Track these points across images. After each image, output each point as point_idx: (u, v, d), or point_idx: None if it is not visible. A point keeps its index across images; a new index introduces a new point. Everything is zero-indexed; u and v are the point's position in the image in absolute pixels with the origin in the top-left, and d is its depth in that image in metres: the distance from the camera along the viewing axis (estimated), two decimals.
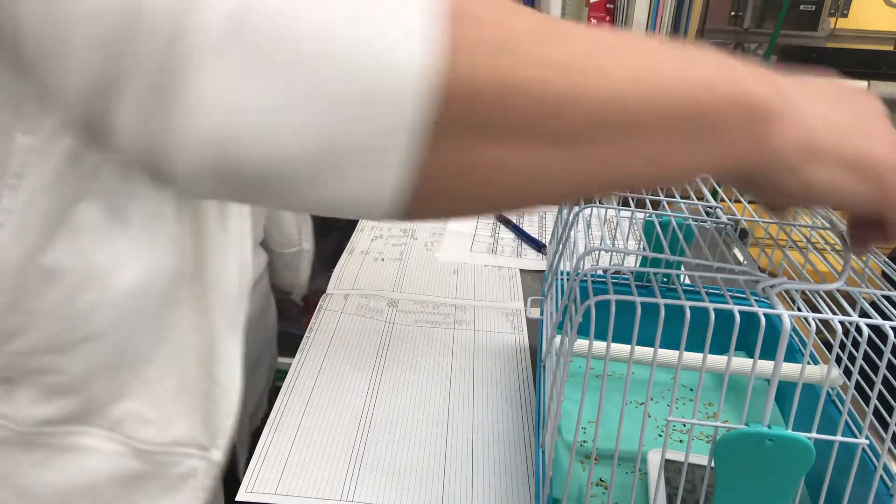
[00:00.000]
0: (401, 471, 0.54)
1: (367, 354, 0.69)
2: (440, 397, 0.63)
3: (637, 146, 0.30)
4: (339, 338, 0.71)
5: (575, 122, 0.28)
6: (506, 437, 0.58)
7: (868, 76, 1.35)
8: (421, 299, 0.81)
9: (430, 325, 0.75)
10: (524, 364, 0.69)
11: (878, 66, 1.36)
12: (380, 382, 0.65)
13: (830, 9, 1.40)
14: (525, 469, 0.55)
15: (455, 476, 0.54)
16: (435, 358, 0.69)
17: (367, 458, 0.55)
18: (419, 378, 0.66)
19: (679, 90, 0.30)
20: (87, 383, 0.49)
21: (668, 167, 0.32)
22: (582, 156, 0.30)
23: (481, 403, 0.63)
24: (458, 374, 0.67)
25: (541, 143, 0.29)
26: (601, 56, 0.29)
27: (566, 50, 0.28)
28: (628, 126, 0.29)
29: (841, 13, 1.46)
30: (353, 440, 0.57)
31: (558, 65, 0.28)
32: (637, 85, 0.29)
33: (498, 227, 1.03)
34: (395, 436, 0.58)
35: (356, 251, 0.92)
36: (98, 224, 0.45)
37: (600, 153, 0.30)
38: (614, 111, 0.29)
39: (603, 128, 0.29)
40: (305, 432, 0.57)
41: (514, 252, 0.95)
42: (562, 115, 0.28)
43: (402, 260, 0.90)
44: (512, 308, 0.80)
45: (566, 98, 0.28)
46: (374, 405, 0.61)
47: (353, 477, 0.53)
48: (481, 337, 0.74)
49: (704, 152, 0.32)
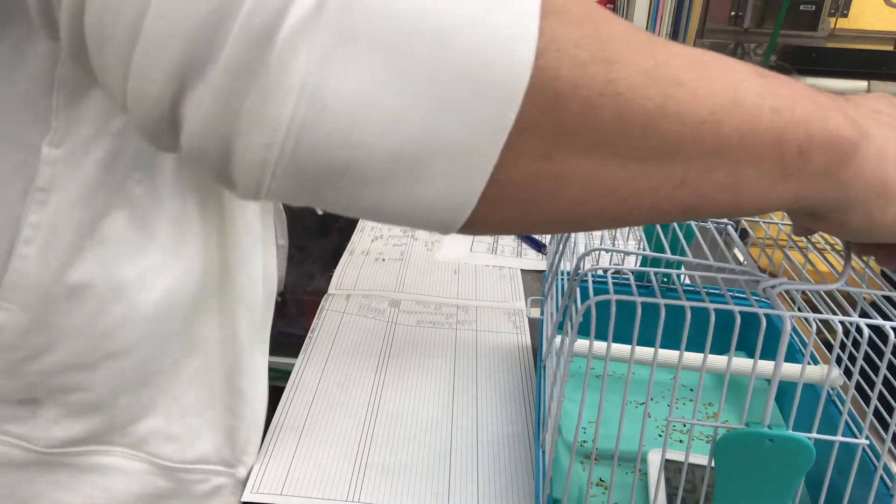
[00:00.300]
0: (405, 471, 0.54)
1: (370, 355, 0.69)
2: (444, 397, 0.63)
3: (719, 173, 0.29)
4: (341, 338, 0.72)
5: (663, 138, 0.27)
6: (510, 437, 0.59)
7: (868, 76, 1.35)
8: (423, 299, 0.81)
9: (432, 326, 0.75)
10: (527, 364, 0.69)
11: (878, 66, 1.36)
12: (383, 383, 0.65)
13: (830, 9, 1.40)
14: (530, 468, 0.55)
15: (460, 476, 0.54)
16: (438, 358, 0.69)
17: (372, 458, 0.55)
18: (422, 378, 0.66)
19: (773, 123, 0.29)
20: (112, 401, 0.48)
21: (744, 199, 0.30)
22: (661, 174, 0.28)
23: (485, 403, 0.63)
24: (461, 374, 0.67)
25: (622, 157, 0.27)
26: (697, 73, 0.27)
27: (664, 61, 0.27)
28: (714, 151, 0.28)
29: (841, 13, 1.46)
30: (357, 440, 0.57)
31: (654, 76, 0.26)
32: (734, 109, 0.28)
33: None
34: (400, 436, 0.58)
35: (356, 251, 0.92)
36: (125, 236, 0.43)
37: (678, 173, 0.28)
38: (706, 133, 0.27)
39: (689, 148, 0.28)
40: (310, 433, 0.58)
41: (515, 252, 0.95)
42: (650, 129, 0.26)
43: (402, 260, 0.91)
44: (513, 308, 0.80)
45: (658, 112, 0.26)
46: (378, 405, 0.62)
47: (359, 477, 0.53)
48: (483, 337, 0.74)
49: (783, 187, 0.30)
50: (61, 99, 0.38)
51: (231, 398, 0.52)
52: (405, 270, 0.88)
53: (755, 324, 0.37)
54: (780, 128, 0.29)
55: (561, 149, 0.26)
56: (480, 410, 0.62)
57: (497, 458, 0.56)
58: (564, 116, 0.25)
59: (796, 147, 0.29)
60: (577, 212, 0.28)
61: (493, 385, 0.66)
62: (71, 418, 0.47)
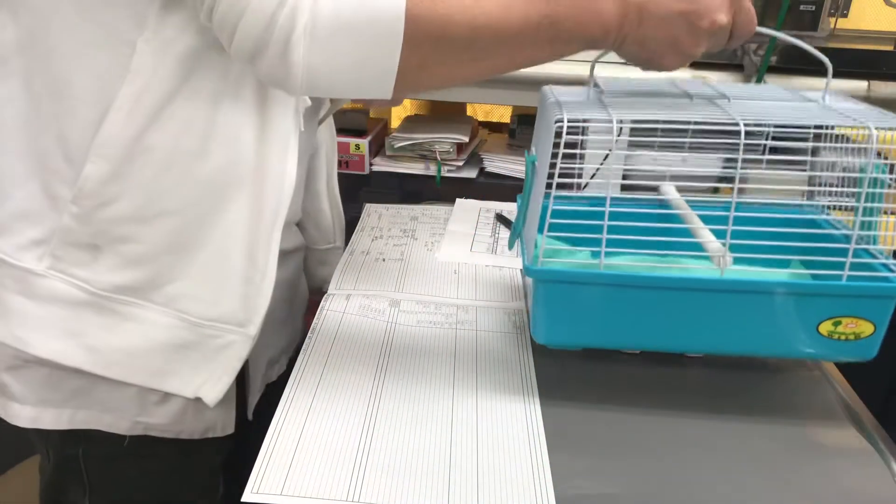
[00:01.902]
0: (405, 471, 0.54)
1: (371, 355, 0.69)
2: (444, 397, 0.63)
3: (520, 53, 0.54)
4: (341, 338, 0.72)
5: (477, 45, 0.52)
6: (510, 437, 0.59)
7: (868, 76, 1.35)
8: (423, 299, 0.81)
9: (432, 326, 0.75)
10: (527, 364, 0.69)
11: (877, 66, 1.36)
12: (383, 383, 0.65)
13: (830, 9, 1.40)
14: (530, 468, 0.55)
15: (460, 476, 0.54)
16: (438, 358, 0.69)
17: (372, 458, 0.55)
18: (423, 378, 0.66)
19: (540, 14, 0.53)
20: (156, 257, 0.61)
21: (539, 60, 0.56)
22: (484, 65, 0.54)
23: (485, 403, 0.63)
24: (461, 374, 0.67)
25: (459, 60, 0.53)
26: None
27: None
28: (504, 41, 0.53)
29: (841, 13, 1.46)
30: (357, 440, 0.57)
31: (461, 9, 0.50)
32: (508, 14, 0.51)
33: (498, 228, 1.03)
34: (400, 436, 0.58)
35: (356, 251, 0.92)
36: (191, 115, 0.57)
37: (493, 63, 0.54)
38: (499, 34, 0.51)
39: (496, 47, 0.52)
40: (310, 433, 0.58)
41: (515, 252, 0.95)
42: (468, 41, 0.51)
43: (402, 260, 0.91)
44: (514, 308, 0.80)
45: (470, 29, 0.51)
46: (379, 405, 0.62)
47: (359, 477, 0.53)
48: (483, 337, 0.74)
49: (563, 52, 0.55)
50: (156, 6, 0.54)
51: (249, 269, 0.62)
52: (405, 270, 0.88)
53: None
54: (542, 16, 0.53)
55: (428, 59, 0.52)
56: (480, 410, 0.62)
57: (497, 458, 0.56)
58: (424, 39, 0.50)
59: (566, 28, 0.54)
60: (446, 84, 0.57)
61: (493, 385, 0.66)
62: (124, 268, 0.61)
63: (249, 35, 0.50)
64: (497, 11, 0.51)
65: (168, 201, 0.59)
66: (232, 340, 0.64)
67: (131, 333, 0.62)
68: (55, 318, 0.61)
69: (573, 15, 0.52)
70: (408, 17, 0.49)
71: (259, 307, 0.63)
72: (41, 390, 0.64)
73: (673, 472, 0.57)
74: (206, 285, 0.62)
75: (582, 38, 0.54)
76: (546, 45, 0.53)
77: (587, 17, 0.52)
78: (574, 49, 0.55)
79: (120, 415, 0.65)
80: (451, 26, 0.50)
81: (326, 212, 0.88)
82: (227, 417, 0.69)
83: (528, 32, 0.52)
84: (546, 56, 0.55)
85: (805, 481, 0.56)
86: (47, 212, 0.60)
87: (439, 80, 0.56)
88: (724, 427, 0.62)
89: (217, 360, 0.64)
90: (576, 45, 0.54)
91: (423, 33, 0.50)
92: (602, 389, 0.66)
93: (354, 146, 1.26)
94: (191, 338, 0.63)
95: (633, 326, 0.63)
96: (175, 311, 0.62)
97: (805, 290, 0.60)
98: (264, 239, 0.62)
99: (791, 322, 0.61)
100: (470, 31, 0.51)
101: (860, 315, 0.59)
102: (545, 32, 0.52)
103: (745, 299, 0.60)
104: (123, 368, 0.63)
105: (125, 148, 0.56)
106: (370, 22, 0.49)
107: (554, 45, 0.53)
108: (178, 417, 0.66)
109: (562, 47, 0.54)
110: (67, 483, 0.69)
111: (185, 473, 0.71)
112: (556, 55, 0.55)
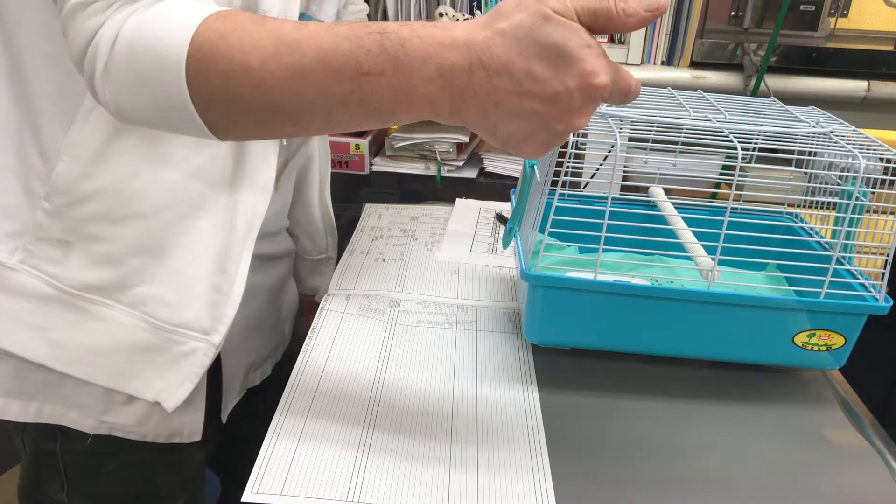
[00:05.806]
0: (406, 471, 0.54)
1: (371, 355, 0.69)
2: (444, 397, 0.63)
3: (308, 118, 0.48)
4: (341, 338, 0.72)
5: (275, 109, 0.46)
6: (510, 437, 0.59)
7: (868, 76, 1.35)
8: (423, 299, 0.81)
9: (432, 326, 0.75)
10: (527, 363, 0.69)
11: (877, 66, 1.36)
12: (383, 383, 0.65)
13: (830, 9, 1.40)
14: (530, 468, 0.55)
15: (460, 475, 0.54)
16: (438, 358, 0.69)
17: (372, 458, 0.55)
18: (423, 378, 0.66)
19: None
20: (126, 259, 0.61)
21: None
22: (300, 129, 0.49)
23: (485, 403, 0.63)
24: (461, 374, 0.67)
25: (263, 122, 0.48)
26: (268, 63, 0.45)
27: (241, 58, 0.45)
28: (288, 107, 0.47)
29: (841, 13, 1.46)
30: (357, 440, 0.57)
31: (244, 70, 0.45)
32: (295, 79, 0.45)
33: (498, 228, 1.03)
34: (400, 436, 0.58)
35: (356, 251, 0.92)
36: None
37: (310, 129, 0.49)
38: (298, 101, 0.45)
39: (297, 112, 0.46)
40: (310, 433, 0.58)
41: (513, 251, 0.95)
42: (263, 103, 0.46)
43: (402, 260, 0.91)
44: (513, 308, 0.80)
45: (257, 92, 0.45)
46: (379, 405, 0.62)
47: (359, 477, 0.53)
48: (483, 337, 0.74)
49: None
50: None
51: (218, 277, 0.63)
52: (405, 270, 0.88)
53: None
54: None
55: (227, 118, 0.48)
56: (480, 410, 0.62)
57: (497, 458, 0.56)
58: (211, 97, 0.46)
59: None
60: (277, 136, 0.59)
61: (493, 385, 0.66)
62: (93, 267, 0.61)
63: (79, 71, 0.49)
64: (286, 78, 0.45)
65: (138, 204, 0.60)
66: (195, 347, 0.63)
67: (97, 332, 0.62)
68: (23, 311, 0.62)
69: (389, 96, 0.44)
70: (188, 74, 0.45)
71: (225, 316, 0.63)
72: (8, 381, 0.65)
73: (673, 471, 0.57)
74: (173, 290, 0.62)
75: (408, 115, 0.46)
76: (363, 119, 0.47)
77: (405, 99, 0.45)
78: (409, 121, 0.48)
79: (86, 412, 0.65)
80: (235, 87, 0.45)
81: (318, 222, 0.88)
82: (194, 423, 0.68)
83: (334, 104, 0.45)
84: (378, 125, 0.49)
85: (805, 480, 0.56)
86: (24, 207, 0.61)
87: (259, 135, 0.54)
88: (724, 426, 0.62)
89: (179, 366, 0.64)
90: (406, 119, 0.47)
91: (207, 93, 0.46)
92: (603, 390, 0.66)
93: (354, 146, 1.26)
94: (155, 341, 0.63)
95: (623, 331, 0.67)
96: (141, 314, 0.62)
97: (785, 306, 0.64)
98: (237, 248, 0.63)
99: (769, 332, 0.65)
100: (256, 94, 0.45)
101: (833, 329, 0.63)
102: (356, 108, 0.45)
103: (730, 311, 0.64)
104: (87, 366, 0.63)
105: (94, 151, 0.58)
106: (157, 70, 0.46)
107: (376, 119, 0.47)
108: (144, 420, 0.66)
109: (389, 120, 0.47)
110: (45, 478, 0.69)
111: (164, 469, 0.71)
112: (390, 124, 0.49)
